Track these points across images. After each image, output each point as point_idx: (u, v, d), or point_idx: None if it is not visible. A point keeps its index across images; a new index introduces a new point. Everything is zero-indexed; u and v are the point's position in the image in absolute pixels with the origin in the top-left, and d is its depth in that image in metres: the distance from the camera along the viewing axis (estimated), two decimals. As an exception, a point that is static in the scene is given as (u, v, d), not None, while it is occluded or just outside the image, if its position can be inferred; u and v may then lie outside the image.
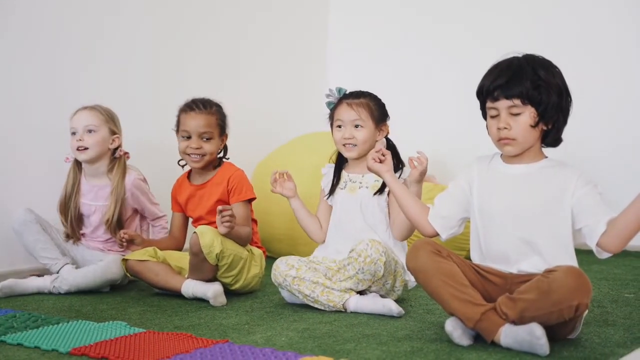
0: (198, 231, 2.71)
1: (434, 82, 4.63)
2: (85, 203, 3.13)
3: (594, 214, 2.04)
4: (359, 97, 2.74)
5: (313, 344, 2.10)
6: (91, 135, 3.07)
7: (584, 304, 1.95)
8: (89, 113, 3.09)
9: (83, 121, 3.08)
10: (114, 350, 2.03)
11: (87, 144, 3.06)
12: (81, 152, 3.07)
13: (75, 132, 3.08)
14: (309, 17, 4.89)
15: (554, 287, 1.93)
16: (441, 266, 2.07)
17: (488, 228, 2.19)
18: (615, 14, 4.09)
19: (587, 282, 1.96)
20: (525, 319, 1.97)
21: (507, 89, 2.09)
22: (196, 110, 2.97)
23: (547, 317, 1.96)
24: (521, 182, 2.16)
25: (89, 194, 3.13)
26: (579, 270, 1.97)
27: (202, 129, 2.94)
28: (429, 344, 2.08)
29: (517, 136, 2.11)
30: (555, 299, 1.93)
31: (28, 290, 2.90)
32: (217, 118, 2.99)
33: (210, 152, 2.96)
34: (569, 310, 1.94)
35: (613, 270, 3.33)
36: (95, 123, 3.08)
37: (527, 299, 1.96)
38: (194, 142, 2.94)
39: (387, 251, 2.51)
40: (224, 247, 2.71)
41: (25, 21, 3.26)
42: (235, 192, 2.94)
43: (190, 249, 2.72)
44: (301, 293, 2.58)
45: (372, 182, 2.71)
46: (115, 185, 3.09)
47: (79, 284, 2.92)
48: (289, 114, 4.57)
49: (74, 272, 2.94)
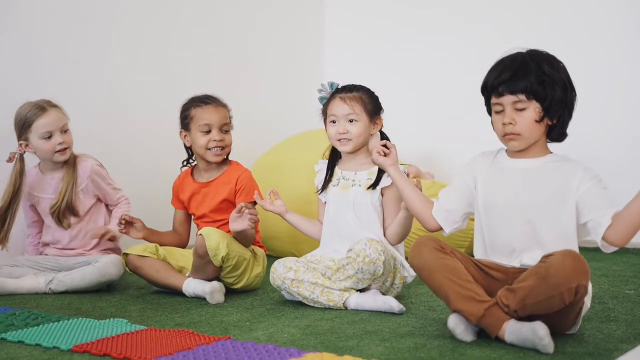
0: (204, 233, 2.68)
1: (431, 78, 4.62)
2: (45, 198, 3.07)
3: (599, 208, 2.04)
4: (352, 90, 2.71)
5: (315, 341, 2.10)
6: (67, 134, 3.03)
7: (583, 286, 1.93)
8: (58, 112, 3.00)
9: (58, 122, 2.99)
10: (115, 348, 2.02)
11: (67, 144, 3.01)
12: (62, 153, 3.01)
13: (51, 135, 2.97)
14: (305, 15, 4.88)
15: (552, 271, 1.92)
16: (444, 263, 2.06)
17: (492, 221, 2.19)
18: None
19: (585, 264, 1.94)
20: (527, 307, 1.96)
21: (512, 84, 2.09)
22: (212, 103, 2.95)
23: (549, 303, 1.94)
24: (526, 175, 2.16)
25: (49, 187, 3.07)
26: (576, 253, 1.96)
27: (223, 121, 2.94)
28: (431, 340, 2.08)
29: (522, 131, 2.11)
30: (554, 282, 1.91)
31: (20, 291, 2.87)
32: (229, 111, 3.01)
33: (230, 144, 2.96)
34: (569, 293, 1.92)
35: (612, 267, 3.32)
36: (66, 122, 3.03)
37: (526, 286, 1.96)
38: (216, 135, 2.91)
39: (385, 250, 2.50)
40: (230, 250, 2.69)
41: (30, 17, 3.25)
42: (243, 192, 2.92)
43: (195, 251, 2.71)
44: (300, 295, 2.57)
45: (365, 180, 2.69)
46: (66, 172, 3.03)
47: (77, 286, 2.89)
48: (285, 112, 4.56)
49: (71, 273, 2.91)
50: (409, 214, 2.54)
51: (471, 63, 4.38)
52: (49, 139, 2.98)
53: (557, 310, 1.97)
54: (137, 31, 3.73)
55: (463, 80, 4.42)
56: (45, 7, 3.32)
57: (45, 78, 3.32)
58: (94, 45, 3.50)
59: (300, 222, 2.84)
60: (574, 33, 4.11)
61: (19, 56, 3.24)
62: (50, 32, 3.35)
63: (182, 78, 3.88)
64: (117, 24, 3.63)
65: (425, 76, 4.65)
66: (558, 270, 1.92)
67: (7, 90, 3.17)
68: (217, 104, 2.96)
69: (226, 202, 2.93)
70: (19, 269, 2.99)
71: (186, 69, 3.94)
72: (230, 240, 2.73)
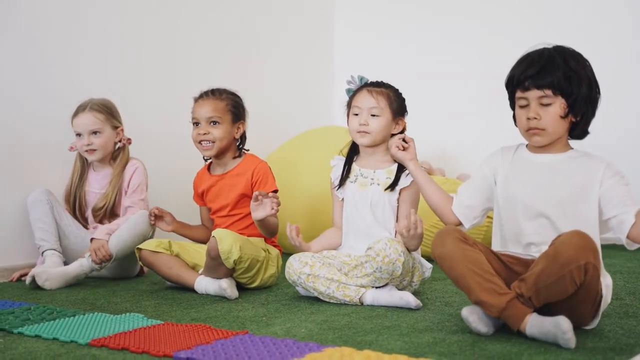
0: (217, 236, 2.66)
1: (442, 76, 4.61)
2: (91, 191, 3.18)
3: (622, 205, 2.03)
4: (380, 86, 2.71)
5: (333, 336, 2.08)
6: (97, 136, 3.12)
7: (592, 265, 1.92)
8: (91, 115, 3.11)
9: (87, 125, 3.11)
10: (133, 341, 2.00)
11: (95, 145, 3.13)
12: (90, 153, 3.14)
13: (81, 135, 3.11)
14: (315, 10, 4.87)
15: (559, 249, 1.92)
16: (467, 254, 2.05)
17: (512, 215, 2.18)
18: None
19: (592, 242, 1.94)
20: (540, 291, 1.95)
21: (539, 78, 2.08)
22: (204, 97, 2.97)
23: (561, 285, 1.93)
24: (547, 169, 2.15)
25: (95, 182, 3.19)
26: (583, 232, 1.95)
27: (209, 114, 2.92)
28: (450, 335, 2.06)
29: (546, 126, 2.10)
30: (563, 261, 1.91)
31: (67, 277, 2.90)
32: (227, 104, 2.96)
33: (220, 137, 2.92)
34: (579, 271, 1.91)
35: (626, 264, 3.31)
36: (98, 126, 3.12)
37: (537, 270, 1.95)
38: (202, 128, 2.93)
39: (405, 250, 2.48)
40: (242, 253, 2.67)
41: (34, 13, 3.23)
42: (260, 184, 2.91)
43: (207, 253, 2.69)
44: (316, 290, 2.55)
45: (383, 178, 2.68)
46: (115, 174, 3.14)
47: (116, 246, 2.94)
48: (295, 109, 4.55)
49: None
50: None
51: (484, 61, 4.39)
52: (79, 137, 3.13)
53: (571, 294, 1.96)
54: (143, 24, 3.72)
55: (476, 78, 4.43)
56: (46, 5, 3.29)
57: (46, 78, 3.30)
58: (95, 45, 3.47)
59: (326, 245, 2.75)
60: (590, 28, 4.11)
61: (20, 56, 3.21)
62: (52, 32, 3.32)
63: (189, 74, 3.86)
64: (118, 22, 3.60)
65: (435, 73, 4.64)
66: (566, 248, 1.91)
67: (6, 90, 3.16)
68: (209, 98, 2.95)
69: (243, 196, 2.92)
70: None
71: (194, 65, 3.92)
72: (243, 242, 2.70)
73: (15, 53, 3.19)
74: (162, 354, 1.89)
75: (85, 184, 3.19)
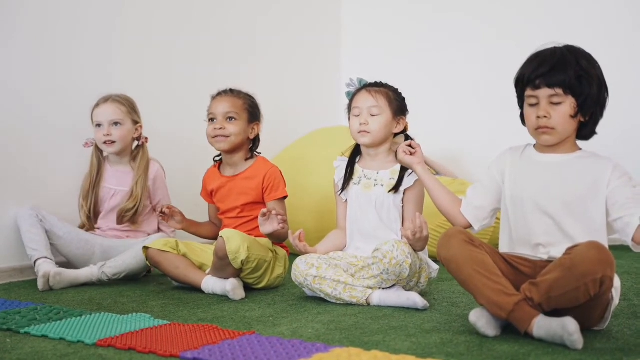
0: (225, 236, 2.67)
1: (449, 75, 4.60)
2: (106, 187, 3.18)
3: (629, 207, 2.02)
4: (379, 86, 2.71)
5: (340, 336, 2.08)
6: (117, 128, 3.13)
7: (609, 278, 1.90)
8: (114, 106, 3.13)
9: (108, 115, 3.12)
10: (140, 342, 2.00)
11: (115, 137, 3.13)
12: (109, 145, 3.14)
13: (101, 125, 3.12)
14: (324, 11, 4.86)
15: (576, 261, 1.90)
16: (474, 255, 2.04)
17: (519, 215, 2.17)
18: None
19: (610, 255, 1.92)
20: (551, 300, 1.94)
21: (550, 77, 2.08)
22: (223, 94, 3.01)
23: (574, 295, 1.91)
24: (555, 169, 2.14)
25: (112, 179, 3.19)
26: (601, 244, 1.93)
27: (227, 109, 2.95)
28: (458, 336, 2.06)
29: (556, 125, 2.09)
30: (579, 273, 1.89)
31: (77, 281, 2.92)
32: (244, 102, 3.00)
33: (235, 133, 2.94)
34: (594, 284, 1.89)
35: (634, 265, 3.30)
36: (120, 117, 3.13)
37: (551, 278, 1.93)
38: (218, 123, 2.95)
39: (412, 252, 2.47)
40: (250, 253, 2.67)
41: (39, 14, 3.24)
42: (272, 189, 2.93)
43: (215, 253, 2.70)
44: (323, 292, 2.55)
45: (387, 179, 2.67)
46: (140, 174, 3.15)
47: (127, 267, 2.96)
48: (302, 108, 4.54)
49: (121, 256, 2.98)
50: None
51: (494, 62, 4.37)
52: (99, 128, 3.13)
53: (582, 303, 1.94)
54: (151, 20, 3.71)
55: (483, 78, 4.42)
56: (53, 6, 3.30)
57: (49, 78, 3.29)
58: (96, 45, 3.46)
59: (331, 247, 2.73)
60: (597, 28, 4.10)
61: (24, 56, 3.21)
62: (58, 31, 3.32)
63: (194, 75, 3.86)
64: (123, 21, 3.60)
65: (442, 72, 4.62)
66: (583, 261, 1.89)
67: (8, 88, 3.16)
68: (228, 95, 2.99)
69: (251, 205, 2.95)
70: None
71: (199, 66, 3.92)
72: (251, 243, 2.71)
73: (22, 57, 3.19)
74: (168, 354, 1.89)
75: (102, 180, 3.20)
